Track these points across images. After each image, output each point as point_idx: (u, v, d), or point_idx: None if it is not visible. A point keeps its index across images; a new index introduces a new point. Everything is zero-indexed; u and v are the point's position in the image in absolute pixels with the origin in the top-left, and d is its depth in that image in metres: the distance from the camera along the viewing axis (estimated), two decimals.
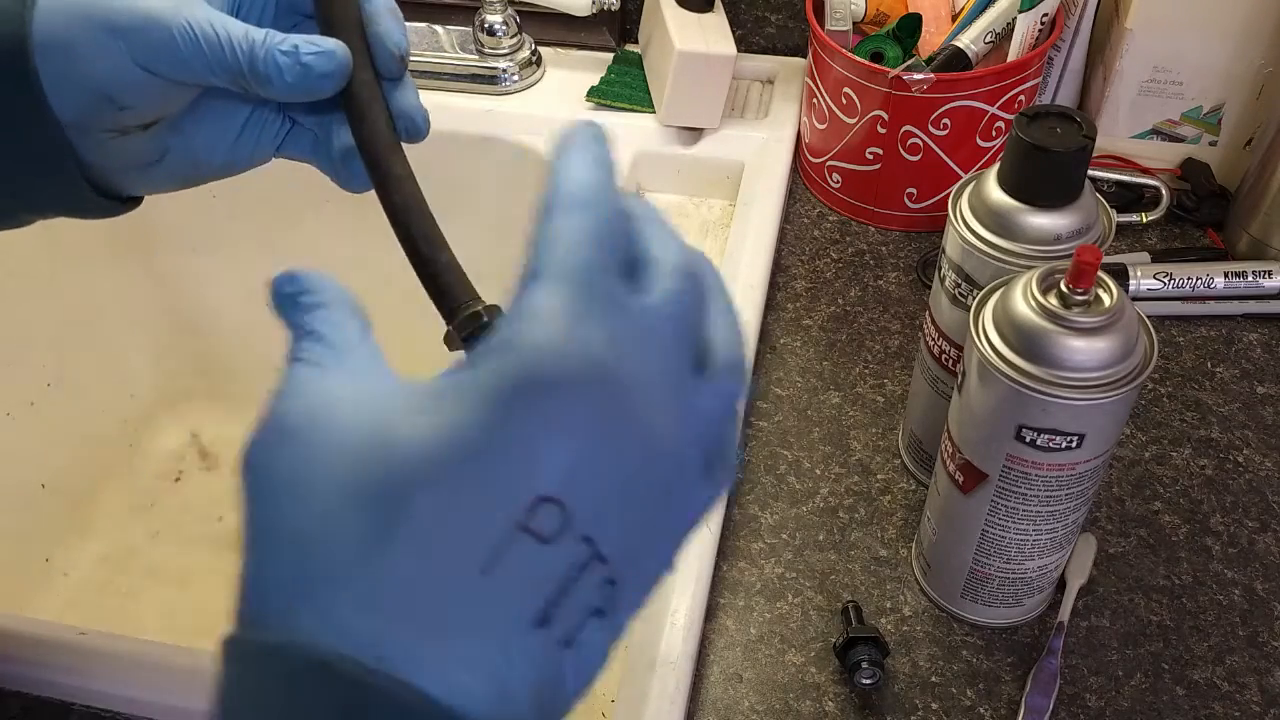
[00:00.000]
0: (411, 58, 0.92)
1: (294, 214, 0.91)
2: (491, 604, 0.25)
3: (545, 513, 0.25)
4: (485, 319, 0.34)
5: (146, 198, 0.45)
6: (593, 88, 0.86)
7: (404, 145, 0.39)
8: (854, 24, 0.79)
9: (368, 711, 0.24)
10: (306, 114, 0.43)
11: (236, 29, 0.38)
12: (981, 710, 0.54)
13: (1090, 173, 0.53)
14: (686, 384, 0.29)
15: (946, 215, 0.54)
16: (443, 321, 0.35)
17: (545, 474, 0.25)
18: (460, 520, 0.25)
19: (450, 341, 0.35)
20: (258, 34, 0.38)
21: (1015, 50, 0.74)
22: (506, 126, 0.85)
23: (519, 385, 0.25)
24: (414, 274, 0.36)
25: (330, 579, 0.25)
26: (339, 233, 0.92)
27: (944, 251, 0.55)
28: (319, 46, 0.38)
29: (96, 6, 0.38)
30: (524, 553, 0.25)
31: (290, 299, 0.31)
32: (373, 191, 0.38)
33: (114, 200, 0.43)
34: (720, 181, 0.83)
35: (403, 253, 0.38)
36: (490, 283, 0.42)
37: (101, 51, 0.38)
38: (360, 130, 0.38)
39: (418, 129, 0.40)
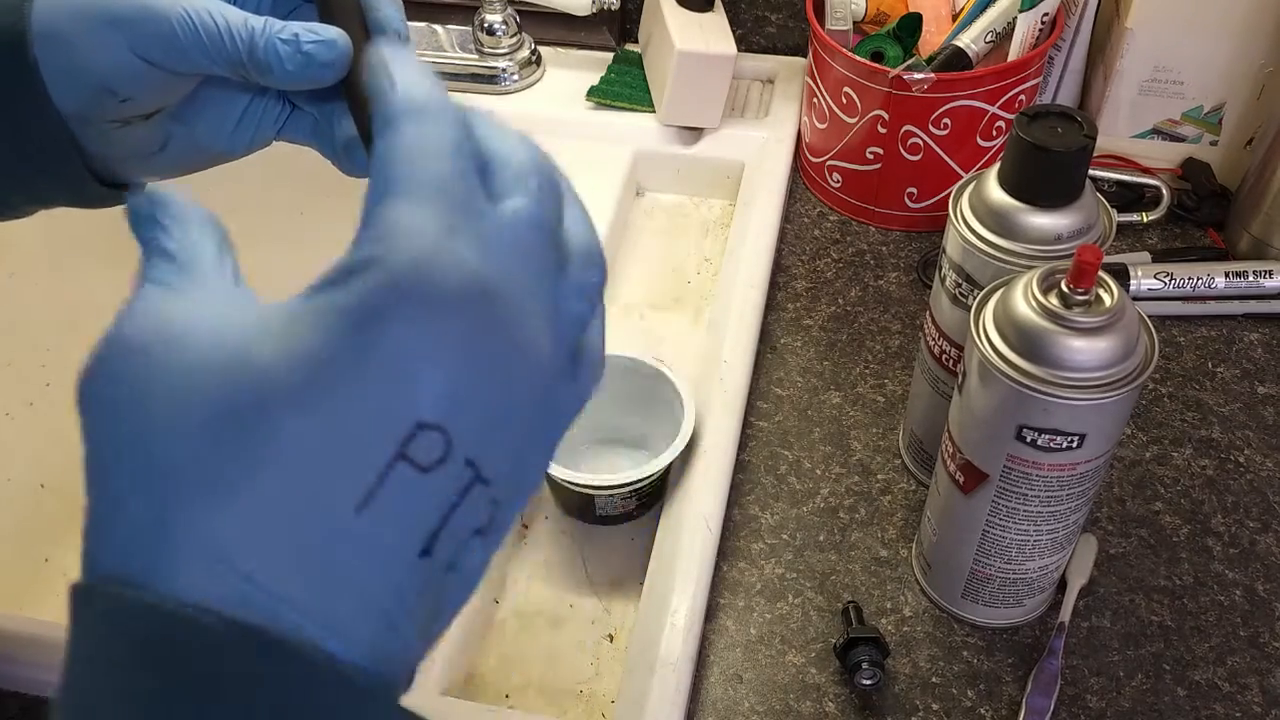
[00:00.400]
0: None
1: (293, 211, 0.91)
2: (371, 540, 0.23)
3: (426, 440, 0.24)
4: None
5: None
6: (593, 87, 0.86)
7: None
8: (854, 23, 0.79)
9: (226, 661, 0.22)
10: (308, 100, 0.43)
11: (235, 17, 0.37)
12: (982, 711, 0.54)
13: (1091, 172, 0.53)
14: (553, 287, 0.28)
15: (947, 215, 0.54)
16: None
17: (423, 398, 0.24)
18: (333, 450, 0.23)
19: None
20: (257, 22, 0.37)
21: (1016, 50, 0.74)
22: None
23: (390, 304, 0.23)
24: None
25: (189, 517, 0.22)
26: (339, 230, 0.92)
27: (944, 251, 0.55)
28: (319, 35, 0.37)
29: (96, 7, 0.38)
30: (404, 483, 0.24)
31: (147, 218, 0.28)
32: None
33: (117, 189, 0.42)
34: (720, 181, 0.83)
35: None
36: None
37: (101, 43, 0.37)
38: (361, 118, 0.37)
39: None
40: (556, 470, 0.59)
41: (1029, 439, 0.47)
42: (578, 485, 0.60)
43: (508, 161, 0.28)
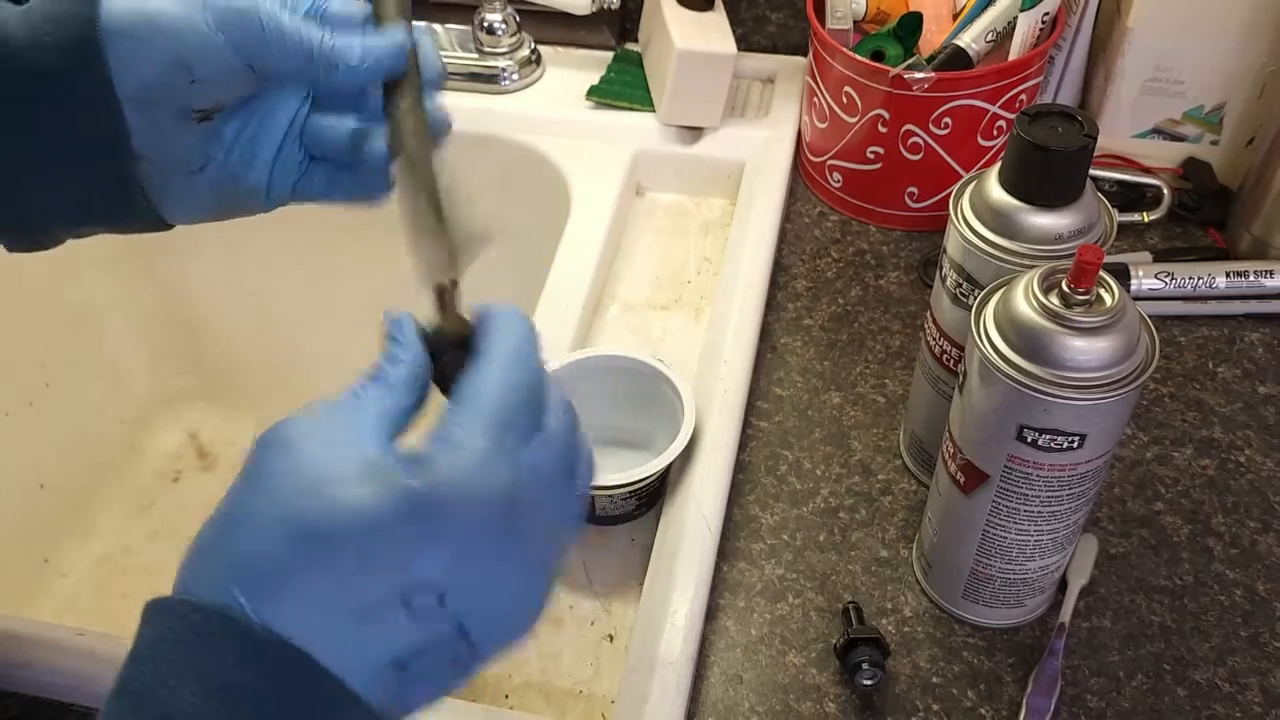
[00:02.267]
0: None
1: (292, 215, 0.91)
2: (358, 642, 0.32)
3: (423, 596, 0.33)
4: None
5: None
6: (593, 87, 0.85)
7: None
8: (855, 23, 0.79)
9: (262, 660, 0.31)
10: (327, 114, 0.47)
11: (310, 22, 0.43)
12: (983, 711, 0.54)
13: (1092, 172, 0.53)
14: (564, 494, 0.37)
15: (948, 215, 0.54)
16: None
17: (432, 567, 0.33)
18: (355, 578, 0.32)
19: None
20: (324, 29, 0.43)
21: (1016, 49, 0.74)
22: (506, 126, 0.85)
23: (433, 498, 0.33)
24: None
25: (255, 572, 0.32)
26: (337, 234, 0.92)
27: (945, 251, 0.55)
28: (385, 36, 0.44)
29: None
30: (395, 618, 0.33)
31: (389, 335, 0.37)
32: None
33: (154, 211, 0.45)
34: (720, 181, 0.83)
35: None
36: (489, 280, 0.42)
37: (188, 19, 0.41)
38: (396, 133, 0.43)
39: (446, 123, 0.47)
40: None
41: (1029, 439, 0.47)
42: None
43: (558, 399, 0.38)
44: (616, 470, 0.59)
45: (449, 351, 0.37)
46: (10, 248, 0.46)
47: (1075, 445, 0.47)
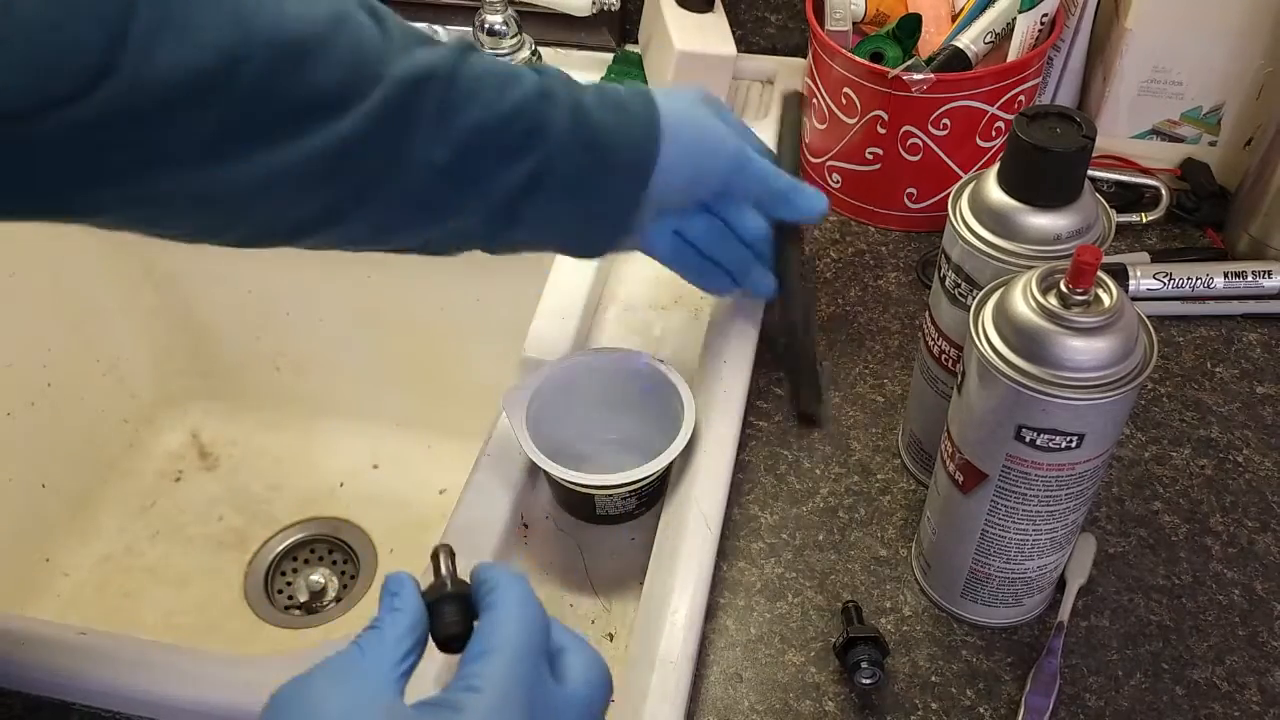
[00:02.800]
0: None
1: None
2: None
3: None
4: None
5: None
6: None
7: None
8: (854, 24, 0.79)
9: None
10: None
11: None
12: (981, 710, 0.54)
13: (1090, 173, 0.53)
14: None
15: (946, 215, 0.54)
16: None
17: None
18: None
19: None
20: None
21: (1015, 50, 0.74)
22: None
23: None
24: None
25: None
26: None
27: (944, 251, 0.55)
28: (810, 194, 0.63)
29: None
30: None
31: (388, 590, 0.39)
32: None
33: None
34: None
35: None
36: (490, 280, 0.43)
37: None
38: (786, 261, 0.66)
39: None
40: (556, 470, 0.59)
41: (1028, 439, 0.48)
42: (578, 485, 0.60)
43: (568, 649, 0.40)
44: (616, 470, 0.59)
45: (447, 607, 0.40)
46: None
47: (1073, 445, 0.47)
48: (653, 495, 0.63)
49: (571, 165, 0.53)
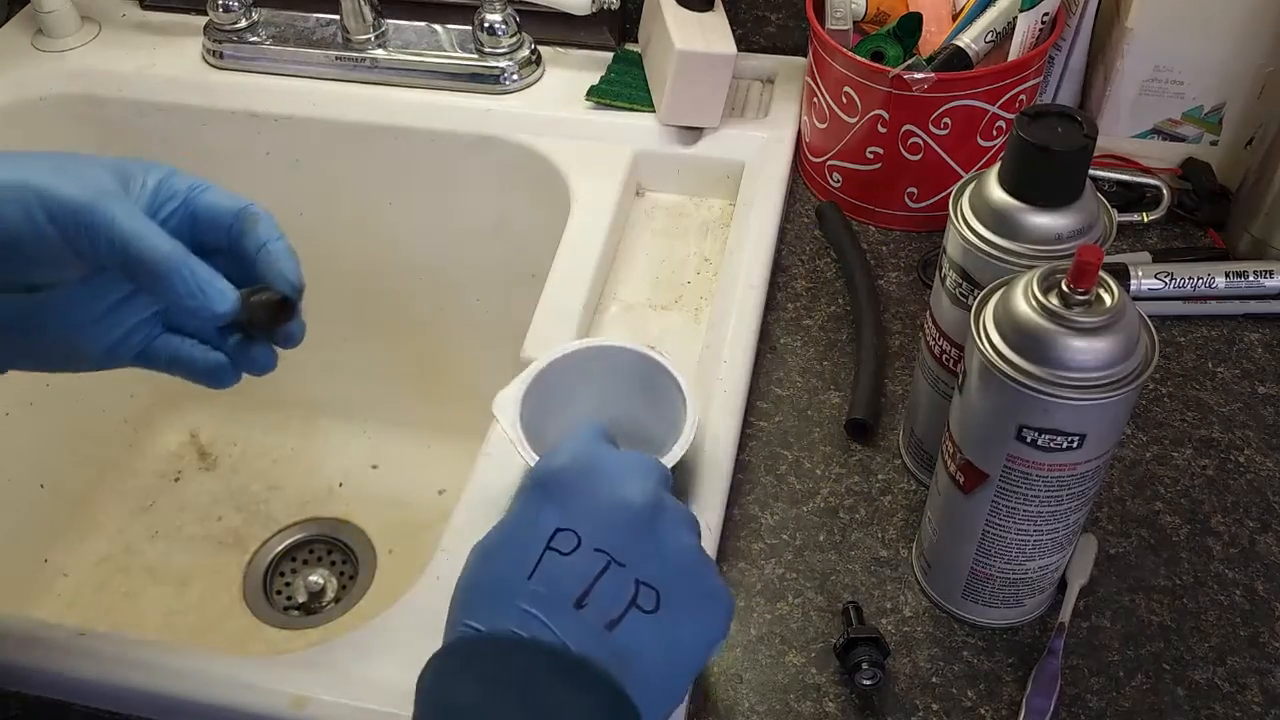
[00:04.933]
0: (412, 57, 0.91)
1: (292, 214, 0.91)
2: (538, 594, 0.40)
3: (561, 537, 0.41)
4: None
5: None
6: (593, 87, 0.86)
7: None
8: (854, 23, 0.79)
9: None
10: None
11: (164, 241, 0.43)
12: (982, 711, 0.54)
13: (1091, 172, 0.53)
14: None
15: (947, 215, 0.54)
16: None
17: (557, 518, 0.42)
18: (517, 551, 0.42)
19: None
20: (178, 250, 0.44)
21: (1016, 49, 0.74)
22: (506, 126, 0.85)
23: (537, 484, 0.44)
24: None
25: (482, 590, 0.42)
26: (336, 233, 0.92)
27: (945, 251, 0.55)
28: (222, 289, 0.45)
29: (31, 183, 0.42)
30: (553, 561, 0.41)
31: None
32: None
33: None
34: (720, 181, 0.83)
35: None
36: (491, 279, 0.43)
37: (28, 218, 0.42)
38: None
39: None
40: None
41: (1029, 439, 0.47)
42: None
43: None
44: None
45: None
46: None
47: (1075, 445, 0.47)
48: None
49: None
